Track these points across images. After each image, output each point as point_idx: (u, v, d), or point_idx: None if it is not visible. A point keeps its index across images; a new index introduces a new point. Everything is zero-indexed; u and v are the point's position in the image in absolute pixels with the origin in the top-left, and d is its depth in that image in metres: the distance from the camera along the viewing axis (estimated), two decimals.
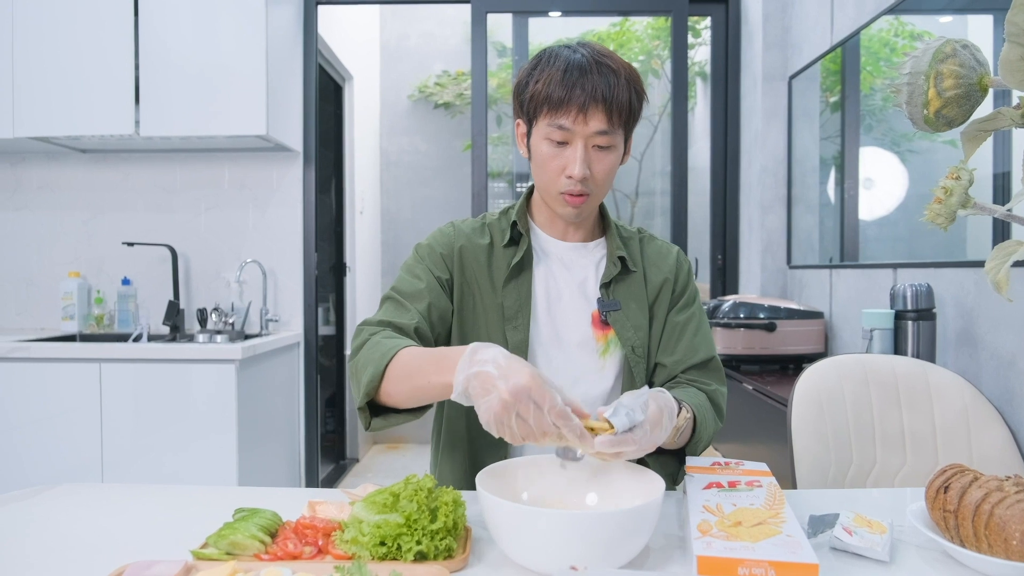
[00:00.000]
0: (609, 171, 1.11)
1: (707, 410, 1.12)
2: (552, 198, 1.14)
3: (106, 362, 2.49)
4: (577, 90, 1.05)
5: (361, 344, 1.06)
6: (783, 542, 0.77)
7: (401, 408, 1.02)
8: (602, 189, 1.13)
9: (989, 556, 0.80)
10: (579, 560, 0.75)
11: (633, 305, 1.19)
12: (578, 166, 1.07)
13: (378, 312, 1.14)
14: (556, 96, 1.06)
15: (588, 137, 1.08)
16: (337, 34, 3.88)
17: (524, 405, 0.81)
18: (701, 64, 4.03)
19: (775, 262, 2.95)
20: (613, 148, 1.10)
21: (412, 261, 1.20)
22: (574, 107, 1.05)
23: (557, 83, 1.06)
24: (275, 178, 3.08)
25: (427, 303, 1.14)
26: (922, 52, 0.92)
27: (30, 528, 0.97)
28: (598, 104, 1.05)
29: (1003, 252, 0.88)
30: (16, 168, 3.09)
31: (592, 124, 1.06)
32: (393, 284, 1.18)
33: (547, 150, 1.10)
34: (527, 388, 0.81)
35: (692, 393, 1.13)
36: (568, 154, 1.09)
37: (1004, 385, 1.61)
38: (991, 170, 1.71)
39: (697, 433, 1.08)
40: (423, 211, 4.86)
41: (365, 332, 1.08)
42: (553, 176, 1.11)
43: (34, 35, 2.68)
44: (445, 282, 1.17)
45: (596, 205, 1.17)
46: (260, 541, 0.84)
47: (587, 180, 1.10)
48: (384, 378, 0.99)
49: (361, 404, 1.02)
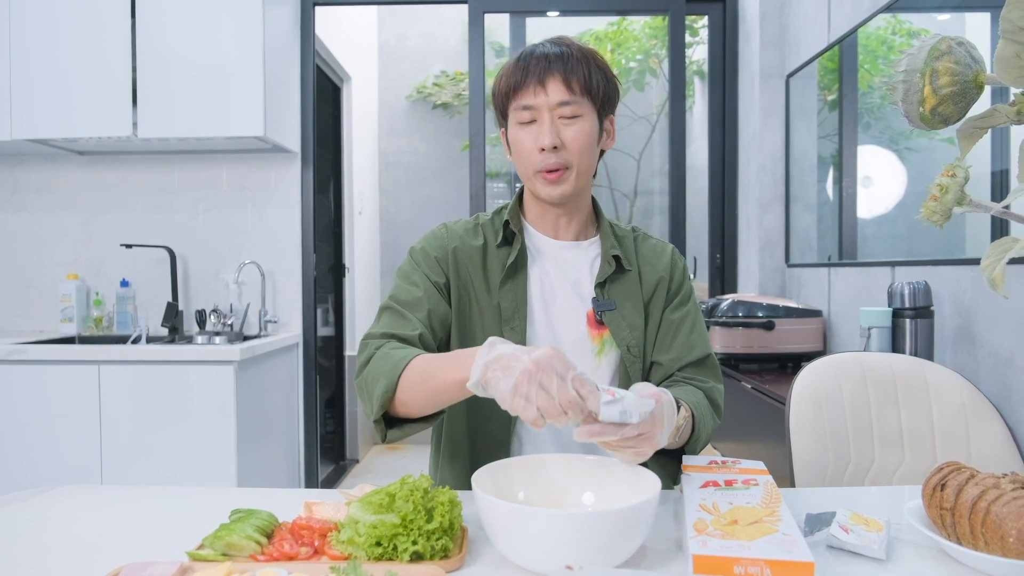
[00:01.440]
0: (582, 142, 1.11)
1: (705, 408, 1.12)
2: (532, 180, 1.14)
3: (105, 364, 2.49)
4: (531, 67, 1.10)
5: (368, 358, 1.06)
6: (779, 540, 0.77)
7: (415, 416, 1.03)
8: (580, 163, 1.12)
9: (986, 554, 0.80)
10: (575, 559, 0.75)
11: (628, 304, 1.19)
12: (547, 135, 1.09)
13: (378, 323, 1.13)
14: (514, 80, 1.11)
15: (552, 109, 1.10)
16: (335, 35, 3.88)
17: (547, 375, 0.81)
18: (699, 63, 4.03)
19: (773, 261, 2.95)
20: (580, 118, 1.11)
21: (408, 267, 1.20)
22: (532, 82, 1.10)
23: (513, 70, 1.12)
24: (273, 179, 3.08)
25: (427, 310, 1.14)
26: (918, 50, 0.92)
27: (28, 529, 0.97)
28: (555, 74, 1.09)
29: (999, 249, 0.88)
30: (14, 170, 3.09)
31: (552, 94, 1.09)
32: (391, 293, 1.17)
33: (519, 135, 1.13)
34: (550, 358, 0.82)
35: (690, 391, 1.13)
36: (536, 129, 1.11)
37: (1002, 383, 1.61)
38: (989, 168, 1.71)
39: (696, 432, 1.08)
40: (422, 211, 4.86)
41: (371, 346, 1.08)
42: (528, 157, 1.12)
43: (32, 37, 2.68)
44: (442, 286, 1.17)
45: (579, 184, 1.14)
46: (256, 542, 0.84)
47: (561, 152, 1.10)
48: (398, 387, 0.99)
49: (376, 416, 1.02)
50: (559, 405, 0.80)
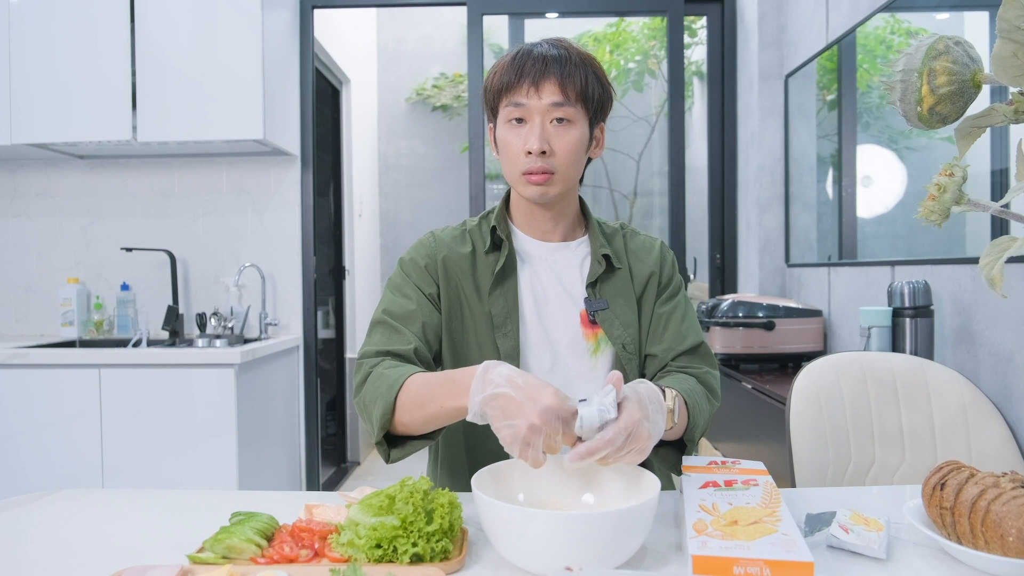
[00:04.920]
0: (571, 150, 1.10)
1: (699, 394, 1.11)
2: (516, 181, 1.13)
3: (106, 368, 2.49)
4: (527, 66, 1.08)
5: (364, 378, 1.07)
6: (779, 541, 0.77)
7: (417, 435, 1.04)
8: (567, 170, 1.11)
9: (985, 553, 0.80)
10: (575, 561, 0.75)
11: (620, 302, 1.19)
12: (535, 139, 1.08)
13: (372, 339, 1.13)
14: (509, 78, 1.09)
15: (544, 112, 1.08)
16: (334, 38, 3.88)
17: (553, 427, 0.83)
18: (698, 64, 4.03)
19: (773, 261, 2.95)
20: (572, 124, 1.10)
21: (399, 280, 1.19)
22: (526, 81, 1.08)
23: (508, 67, 1.10)
24: (273, 182, 3.09)
25: (420, 323, 1.14)
26: (915, 49, 0.92)
27: (29, 533, 0.98)
28: (550, 76, 1.08)
29: (997, 248, 0.88)
30: (14, 175, 3.09)
31: (545, 96, 1.08)
32: (383, 306, 1.17)
33: (507, 134, 1.12)
34: (555, 410, 0.83)
35: (681, 379, 1.13)
36: (526, 131, 1.10)
37: (1002, 381, 1.60)
38: (989, 167, 1.71)
39: (692, 418, 1.07)
40: (422, 213, 4.86)
41: (366, 366, 1.08)
42: (515, 157, 1.11)
43: (31, 42, 2.69)
44: (434, 297, 1.17)
45: (563, 188, 1.14)
46: (256, 545, 0.84)
47: (548, 157, 1.09)
48: (396, 409, 1.00)
49: (378, 439, 1.02)
50: (562, 447, 0.85)
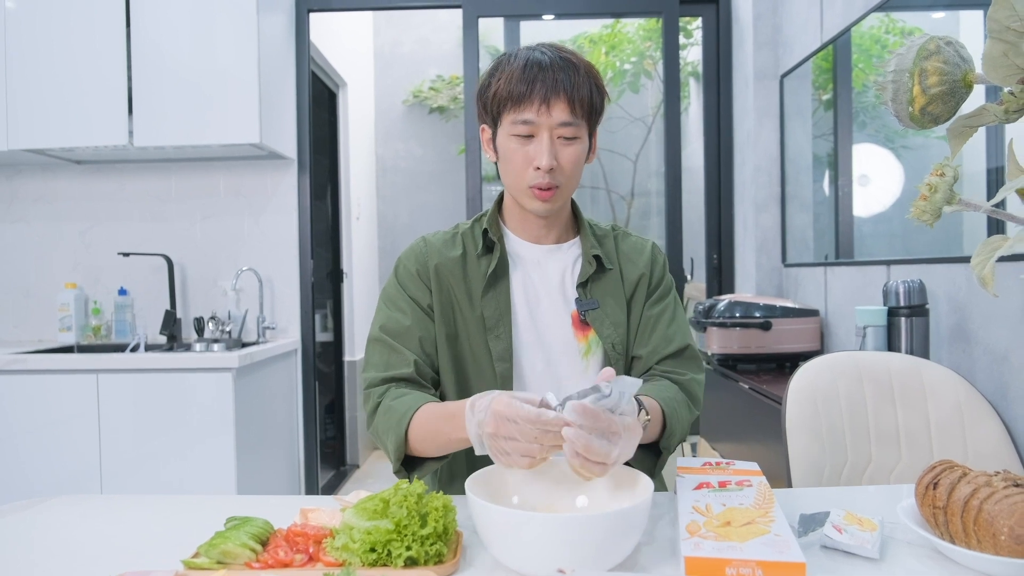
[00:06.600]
0: (575, 163, 1.12)
1: (679, 402, 1.12)
2: (521, 193, 1.14)
3: (104, 372, 2.49)
4: (538, 83, 1.07)
5: (374, 409, 1.12)
6: (771, 541, 0.77)
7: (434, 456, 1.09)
8: (570, 182, 1.13)
9: (978, 552, 0.80)
10: (569, 563, 0.75)
11: (611, 302, 1.20)
12: (545, 157, 1.08)
13: (372, 361, 1.17)
14: (518, 91, 1.08)
15: (553, 129, 1.09)
16: (331, 42, 3.88)
17: (505, 427, 0.86)
18: (693, 64, 4.04)
19: (770, 261, 2.95)
20: (578, 140, 1.11)
21: (393, 291, 1.20)
22: (536, 99, 1.07)
23: (518, 79, 1.08)
24: (270, 186, 3.09)
25: (417, 338, 1.16)
26: (906, 50, 0.92)
27: (27, 539, 0.98)
28: (560, 95, 1.07)
29: (988, 248, 0.88)
30: (11, 180, 3.10)
31: (555, 115, 1.08)
32: (380, 322, 1.18)
33: (513, 146, 1.11)
34: (500, 413, 0.86)
35: (663, 386, 1.13)
36: (533, 147, 1.10)
37: (998, 380, 1.61)
38: (984, 165, 1.72)
39: (669, 426, 1.08)
40: (420, 216, 4.86)
41: (373, 396, 1.13)
42: (520, 171, 1.12)
43: (27, 47, 2.69)
44: (427, 307, 1.18)
45: (565, 199, 1.16)
46: (251, 549, 0.84)
47: (555, 172, 1.10)
48: (408, 441, 1.05)
49: (396, 468, 1.09)
50: (528, 443, 0.85)
